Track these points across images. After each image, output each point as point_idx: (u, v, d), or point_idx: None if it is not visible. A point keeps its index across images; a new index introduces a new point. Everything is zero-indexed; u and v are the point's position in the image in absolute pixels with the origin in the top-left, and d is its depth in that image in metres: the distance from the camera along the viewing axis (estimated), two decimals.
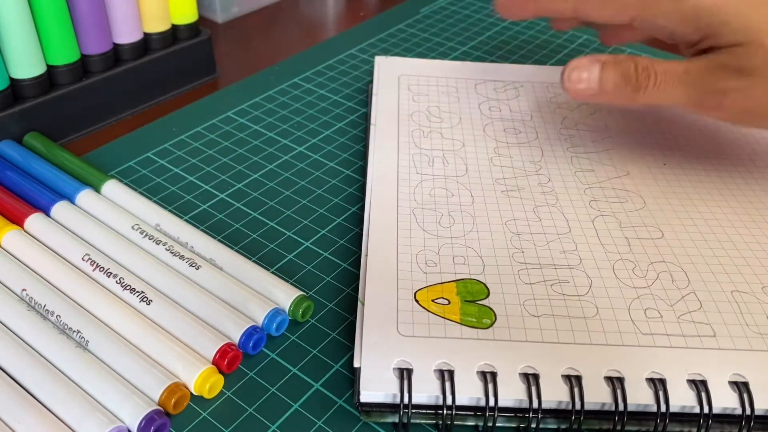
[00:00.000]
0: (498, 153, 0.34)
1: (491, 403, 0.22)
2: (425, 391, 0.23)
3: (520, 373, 0.23)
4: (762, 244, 0.29)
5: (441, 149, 0.34)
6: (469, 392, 0.23)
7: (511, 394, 0.23)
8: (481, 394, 0.23)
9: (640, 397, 0.23)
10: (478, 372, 0.23)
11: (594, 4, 0.33)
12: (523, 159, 0.34)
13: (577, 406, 0.22)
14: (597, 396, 0.23)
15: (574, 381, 0.23)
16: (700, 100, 0.29)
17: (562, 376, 0.23)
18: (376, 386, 0.23)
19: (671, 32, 0.31)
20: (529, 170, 0.33)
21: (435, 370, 0.23)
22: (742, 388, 0.23)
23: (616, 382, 0.23)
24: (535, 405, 0.22)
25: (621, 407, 0.22)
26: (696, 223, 0.30)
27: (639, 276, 0.27)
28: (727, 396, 0.23)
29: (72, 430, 0.22)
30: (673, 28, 0.31)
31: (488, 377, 0.23)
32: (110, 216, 0.30)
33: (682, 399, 0.23)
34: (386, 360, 0.23)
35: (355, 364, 0.24)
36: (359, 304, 0.26)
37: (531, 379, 0.23)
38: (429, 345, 0.24)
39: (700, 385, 0.23)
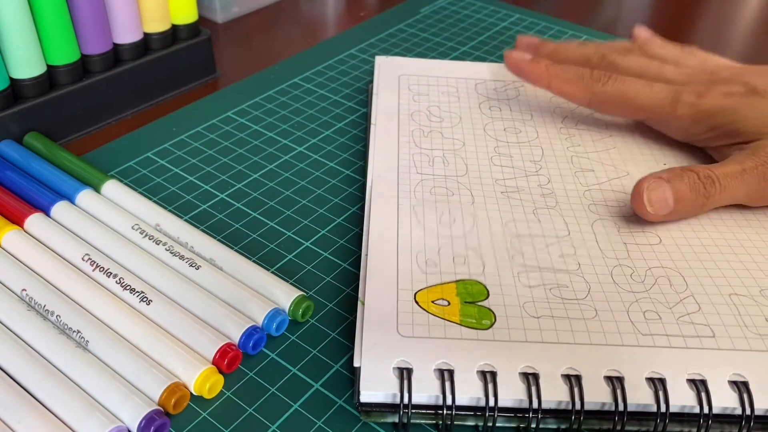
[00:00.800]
0: (498, 152, 0.34)
1: (491, 403, 0.22)
2: (425, 391, 0.23)
3: (519, 373, 0.23)
4: (759, 248, 0.29)
5: (441, 149, 0.34)
6: (469, 392, 0.23)
7: (511, 394, 0.23)
8: (481, 394, 0.23)
9: (639, 397, 0.23)
10: (478, 372, 0.23)
11: (610, 106, 0.34)
12: (523, 158, 0.34)
13: (577, 406, 0.22)
14: (597, 396, 0.23)
15: (574, 381, 0.23)
16: (762, 194, 0.30)
17: (562, 376, 0.23)
18: (376, 386, 0.23)
19: (684, 132, 0.33)
20: (529, 170, 0.33)
21: (435, 370, 0.23)
22: (741, 387, 0.23)
23: (615, 382, 0.23)
24: (535, 405, 0.22)
25: (621, 407, 0.22)
26: (693, 228, 0.30)
27: (637, 281, 0.27)
28: (726, 396, 0.23)
29: (72, 430, 0.22)
30: (687, 128, 0.33)
31: (488, 377, 0.23)
32: (110, 216, 0.30)
33: (681, 399, 0.23)
34: (386, 360, 0.23)
35: (355, 364, 0.24)
36: (359, 304, 0.26)
37: (531, 379, 0.23)
38: (429, 345, 0.24)
39: (699, 385, 0.23)
